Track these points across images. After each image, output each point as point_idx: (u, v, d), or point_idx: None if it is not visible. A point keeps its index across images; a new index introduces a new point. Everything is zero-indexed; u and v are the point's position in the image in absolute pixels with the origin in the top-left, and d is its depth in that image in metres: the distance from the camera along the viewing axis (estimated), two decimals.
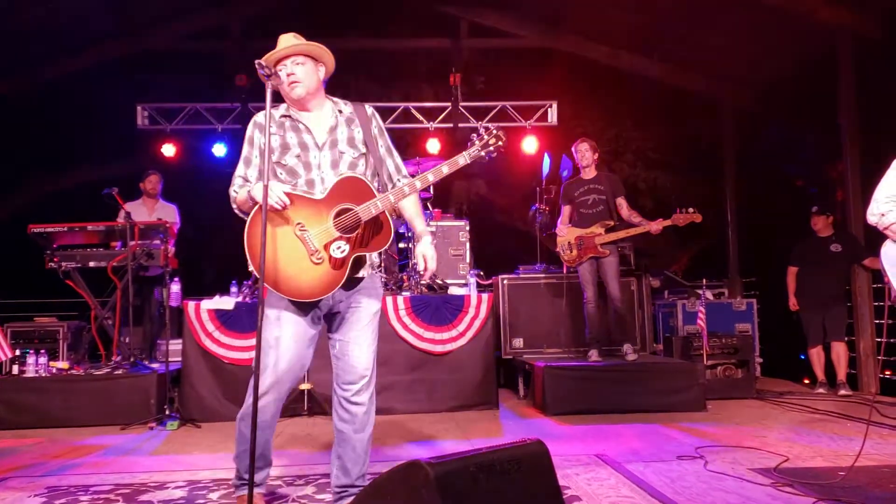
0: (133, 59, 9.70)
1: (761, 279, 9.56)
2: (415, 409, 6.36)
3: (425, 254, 3.33)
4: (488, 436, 5.41)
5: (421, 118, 10.21)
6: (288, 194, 3.07)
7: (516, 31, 10.24)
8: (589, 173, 6.91)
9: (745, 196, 9.97)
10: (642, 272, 7.96)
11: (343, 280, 3.12)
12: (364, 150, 3.34)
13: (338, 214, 3.11)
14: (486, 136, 3.23)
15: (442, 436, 5.44)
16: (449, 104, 10.08)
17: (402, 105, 10.22)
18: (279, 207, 3.04)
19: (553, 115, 10.33)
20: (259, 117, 3.33)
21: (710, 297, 8.26)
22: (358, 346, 3.29)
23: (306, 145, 3.25)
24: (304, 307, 3.19)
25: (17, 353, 6.58)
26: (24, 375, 6.31)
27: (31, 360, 6.34)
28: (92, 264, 6.75)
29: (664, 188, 11.55)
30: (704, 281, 7.58)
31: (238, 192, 3.27)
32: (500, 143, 3.23)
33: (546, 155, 8.55)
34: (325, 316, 3.32)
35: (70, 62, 9.27)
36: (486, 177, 12.11)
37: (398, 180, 3.37)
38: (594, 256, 6.72)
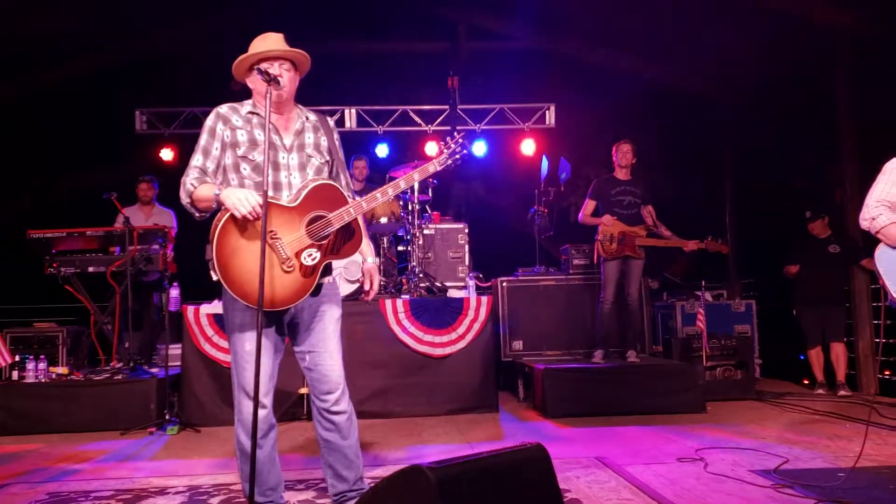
0: (131, 63, 9.70)
1: (760, 280, 9.57)
2: (414, 413, 6.36)
3: (373, 274, 3.47)
4: (488, 439, 5.41)
5: (419, 121, 10.22)
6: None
7: (514, 33, 10.25)
8: (624, 174, 6.97)
9: (744, 197, 9.98)
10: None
11: (312, 287, 3.10)
12: (328, 158, 3.34)
13: (310, 222, 3.08)
14: (452, 145, 3.42)
15: (442, 439, 5.44)
16: (447, 107, 10.09)
17: (401, 108, 10.22)
18: (251, 218, 2.94)
19: (551, 117, 10.33)
20: (223, 109, 3.24)
21: (709, 299, 8.27)
22: (329, 355, 3.25)
23: (274, 145, 3.19)
24: (270, 317, 3.14)
25: (17, 358, 6.58)
26: (25, 381, 6.30)
27: (30, 365, 6.33)
28: (91, 269, 6.77)
29: (663, 189, 11.53)
30: (703, 282, 7.59)
31: (197, 185, 3.11)
32: (465, 151, 3.44)
33: (544, 157, 8.56)
34: (287, 325, 3.26)
35: (68, 67, 9.27)
36: (484, 179, 12.12)
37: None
38: (629, 256, 6.78)
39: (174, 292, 6.71)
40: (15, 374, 6.43)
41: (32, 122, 9.89)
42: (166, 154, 10.01)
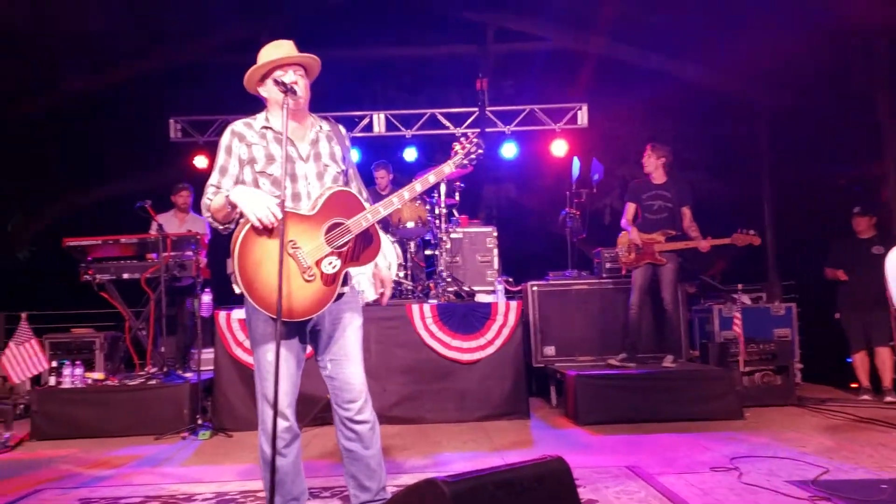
0: (165, 72, 9.84)
1: (801, 282, 9.33)
2: (443, 419, 6.31)
3: (384, 279, 3.43)
4: (518, 447, 5.34)
5: (448, 124, 10.18)
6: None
7: (543, 33, 10.18)
8: (658, 178, 6.92)
9: (784, 197, 9.76)
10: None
11: (334, 296, 3.08)
12: (344, 168, 3.33)
13: (329, 229, 3.07)
14: (467, 145, 3.40)
15: (470, 447, 5.38)
16: (476, 109, 10.05)
17: (429, 111, 10.19)
18: (267, 224, 2.92)
19: (583, 117, 10.21)
20: (238, 126, 3.23)
21: (748, 302, 8.08)
22: (351, 363, 3.23)
23: (290, 157, 3.17)
24: (292, 327, 3.12)
25: (54, 364, 6.68)
26: (61, 386, 6.39)
27: (67, 371, 6.42)
28: (126, 276, 6.86)
29: (700, 190, 11.35)
30: (740, 286, 7.42)
31: (212, 199, 3.12)
32: (480, 150, 3.41)
33: (575, 158, 8.46)
34: (308, 333, 3.25)
35: (102, 77, 9.42)
36: (515, 181, 12.06)
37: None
38: (651, 263, 6.75)
39: (206, 298, 6.77)
40: (52, 380, 6.52)
41: (68, 132, 10.08)
42: (200, 161, 10.11)
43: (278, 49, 3.18)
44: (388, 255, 3.45)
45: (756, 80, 9.67)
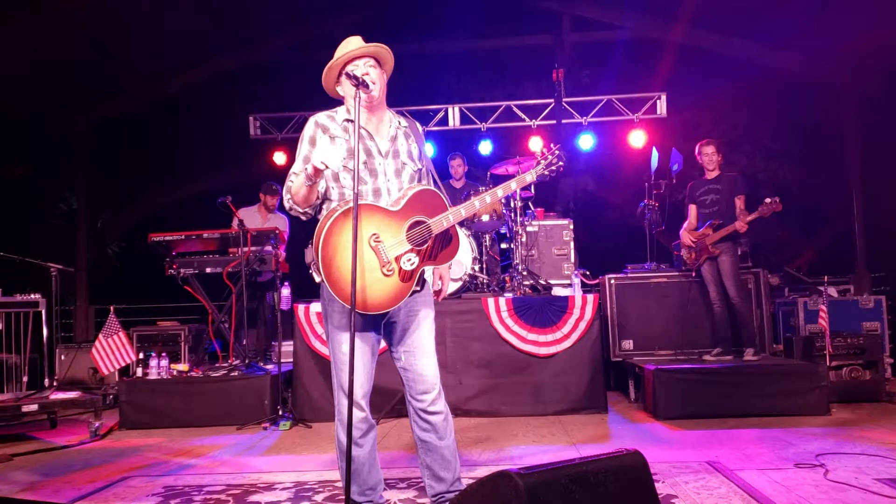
0: (243, 70, 10.07)
1: (893, 275, 8.90)
2: (520, 412, 6.27)
3: (443, 275, 3.46)
4: (595, 441, 5.27)
5: (523, 116, 10.10)
6: (363, 205, 3.03)
7: (621, 22, 9.99)
8: (712, 174, 6.89)
9: (874, 185, 9.32)
10: (760, 269, 7.57)
11: (410, 292, 3.11)
12: (421, 166, 3.35)
13: (411, 227, 3.11)
14: (549, 157, 3.50)
15: (547, 440, 5.34)
16: (551, 101, 9.94)
17: (504, 104, 10.14)
18: (321, 168, 2.90)
19: (662, 107, 9.99)
20: (321, 118, 3.26)
21: (834, 295, 7.76)
22: (425, 355, 3.26)
23: (370, 152, 3.22)
24: (367, 320, 3.15)
25: (141, 356, 6.94)
26: (148, 377, 6.61)
27: (153, 362, 6.63)
28: (208, 270, 7.05)
29: (785, 179, 10.98)
30: (826, 278, 7.12)
31: (294, 181, 3.13)
32: (560, 162, 3.51)
33: (654, 149, 8.27)
34: (383, 326, 3.28)
35: (184, 76, 9.71)
36: (592, 172, 11.90)
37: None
38: (709, 257, 6.68)
39: (286, 291, 6.90)
40: (139, 371, 6.76)
41: (152, 132, 10.43)
42: (279, 158, 10.32)
43: (347, 46, 3.21)
44: (460, 252, 3.47)
45: (844, 65, 9.26)
